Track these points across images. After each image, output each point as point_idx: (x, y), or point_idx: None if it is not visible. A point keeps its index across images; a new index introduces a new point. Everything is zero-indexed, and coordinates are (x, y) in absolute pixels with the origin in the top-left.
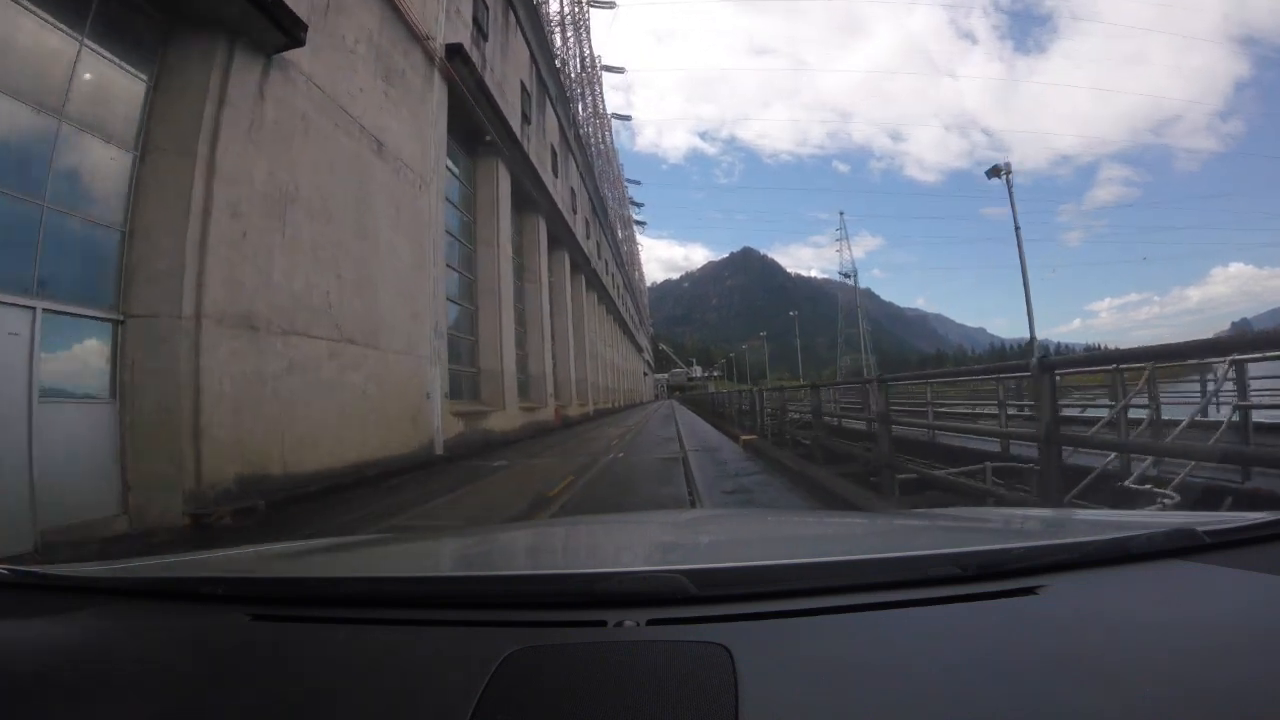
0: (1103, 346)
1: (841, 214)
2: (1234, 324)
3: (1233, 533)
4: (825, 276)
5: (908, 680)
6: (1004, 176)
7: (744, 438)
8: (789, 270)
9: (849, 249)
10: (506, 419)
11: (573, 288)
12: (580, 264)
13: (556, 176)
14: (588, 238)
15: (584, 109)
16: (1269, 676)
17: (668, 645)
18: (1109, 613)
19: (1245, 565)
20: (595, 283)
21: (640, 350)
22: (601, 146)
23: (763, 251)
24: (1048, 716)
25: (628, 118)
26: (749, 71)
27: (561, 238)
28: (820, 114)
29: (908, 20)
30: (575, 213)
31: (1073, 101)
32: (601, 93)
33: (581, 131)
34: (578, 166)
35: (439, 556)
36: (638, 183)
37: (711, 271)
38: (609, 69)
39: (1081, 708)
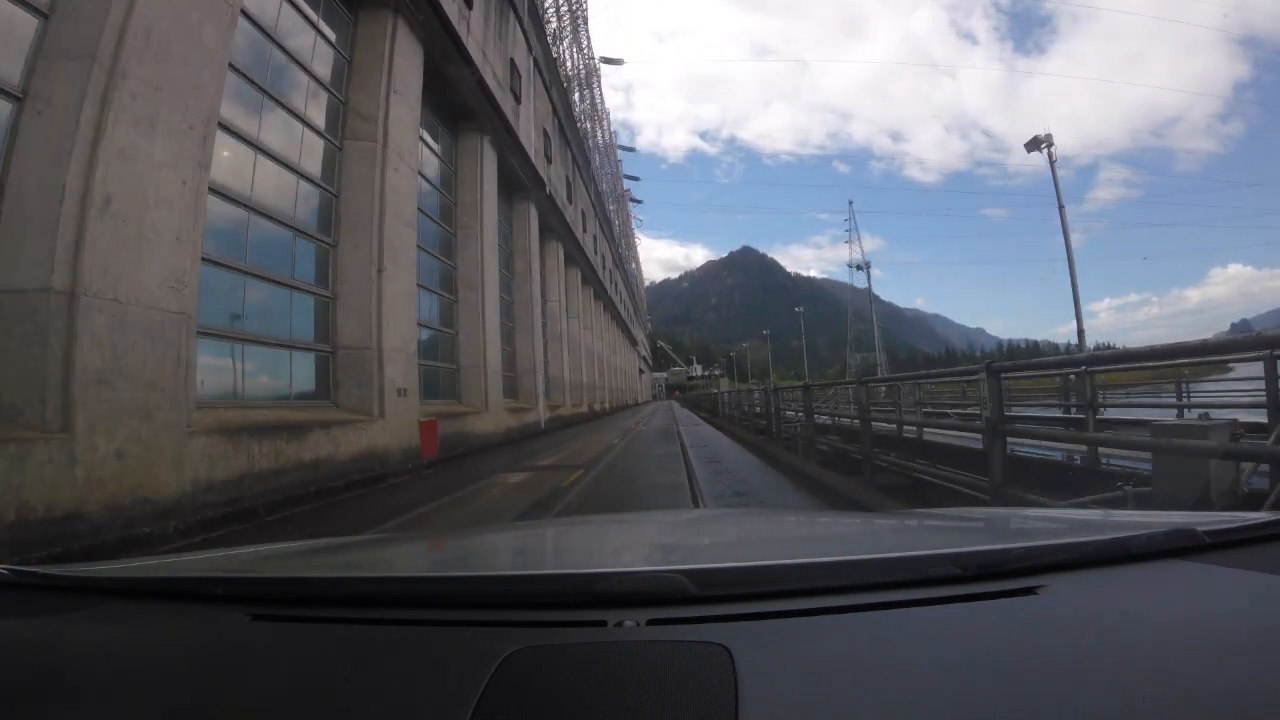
0: (1112, 346)
1: (851, 203)
2: (1234, 325)
3: (1233, 533)
4: (825, 276)
5: (908, 680)
6: (1044, 150)
7: None
8: (789, 270)
9: (860, 242)
10: (161, 468)
11: (515, 223)
12: (529, 189)
13: (472, 8)
14: (547, 159)
15: (562, 38)
16: (1269, 676)
17: (668, 645)
18: (1109, 613)
19: (1245, 565)
20: (563, 233)
21: (635, 343)
22: (588, 98)
23: (762, 251)
24: (1048, 716)
25: (620, 61)
26: (750, 71)
27: (484, 121)
28: (821, 114)
29: (909, 21)
30: (519, 102)
31: (1073, 103)
32: (588, 31)
33: (557, 59)
34: (530, 48)
35: (439, 556)
36: (632, 149)
37: (711, 271)
38: None
39: (1081, 708)
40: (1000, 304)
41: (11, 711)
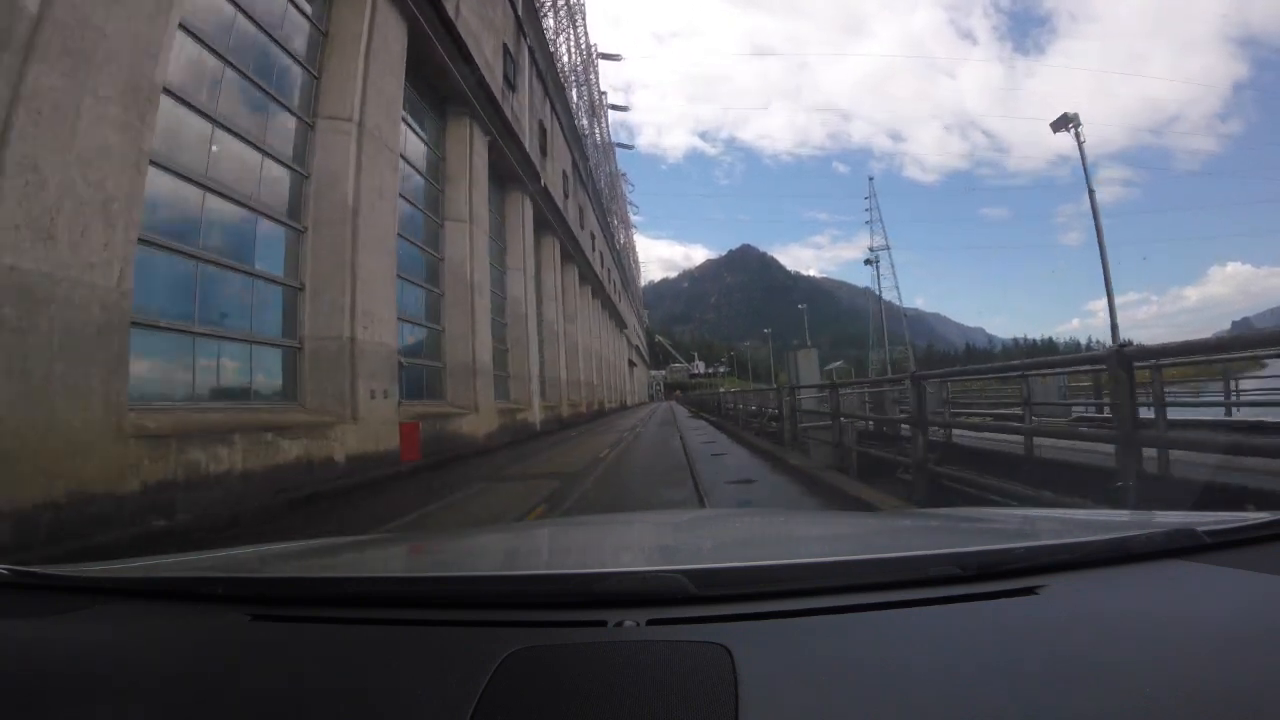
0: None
1: (871, 179)
2: (1235, 323)
3: (1233, 533)
4: (825, 275)
5: (908, 680)
6: (1072, 130)
7: None
8: (789, 269)
9: (881, 224)
10: None
11: (450, 144)
12: (471, 100)
13: None
14: (511, 92)
15: None
16: (1269, 676)
17: (668, 645)
18: (1109, 613)
19: (1245, 565)
20: (525, 174)
21: (623, 327)
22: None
23: (762, 250)
24: (1048, 716)
25: None
26: (750, 71)
27: None
28: (820, 115)
29: (909, 20)
30: None
31: (1073, 102)
32: None
33: None
34: None
35: (439, 556)
36: (619, 58)
37: (710, 270)
38: None
39: (1081, 708)
40: (1000, 303)
41: (12, 711)
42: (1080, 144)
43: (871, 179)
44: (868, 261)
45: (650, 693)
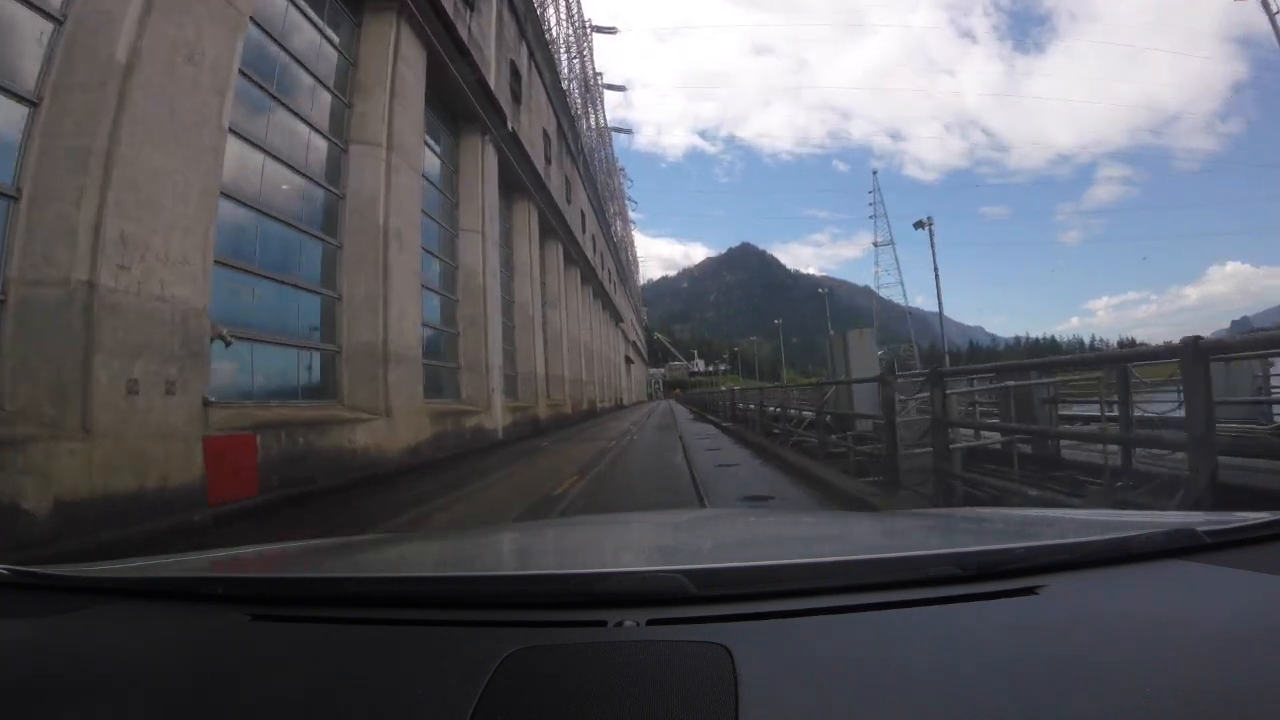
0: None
1: (875, 173)
2: (1234, 322)
3: (1233, 533)
4: (825, 274)
5: (908, 680)
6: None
7: None
8: (789, 267)
9: (886, 220)
10: None
11: (367, 44)
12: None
13: None
14: (469, 10)
15: None
16: (1269, 676)
17: (668, 645)
18: (1109, 613)
19: (1245, 565)
20: (486, 112)
21: (619, 320)
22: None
23: (761, 248)
24: (1047, 716)
25: None
26: (750, 69)
27: None
28: (820, 113)
29: (908, 19)
30: None
31: (1072, 101)
32: None
33: None
34: None
35: (439, 556)
36: (613, 30)
37: (710, 268)
38: None
39: (1081, 708)
40: (999, 302)
41: (12, 711)
42: (1271, 16)
43: (875, 173)
44: (918, 225)
45: (650, 693)
